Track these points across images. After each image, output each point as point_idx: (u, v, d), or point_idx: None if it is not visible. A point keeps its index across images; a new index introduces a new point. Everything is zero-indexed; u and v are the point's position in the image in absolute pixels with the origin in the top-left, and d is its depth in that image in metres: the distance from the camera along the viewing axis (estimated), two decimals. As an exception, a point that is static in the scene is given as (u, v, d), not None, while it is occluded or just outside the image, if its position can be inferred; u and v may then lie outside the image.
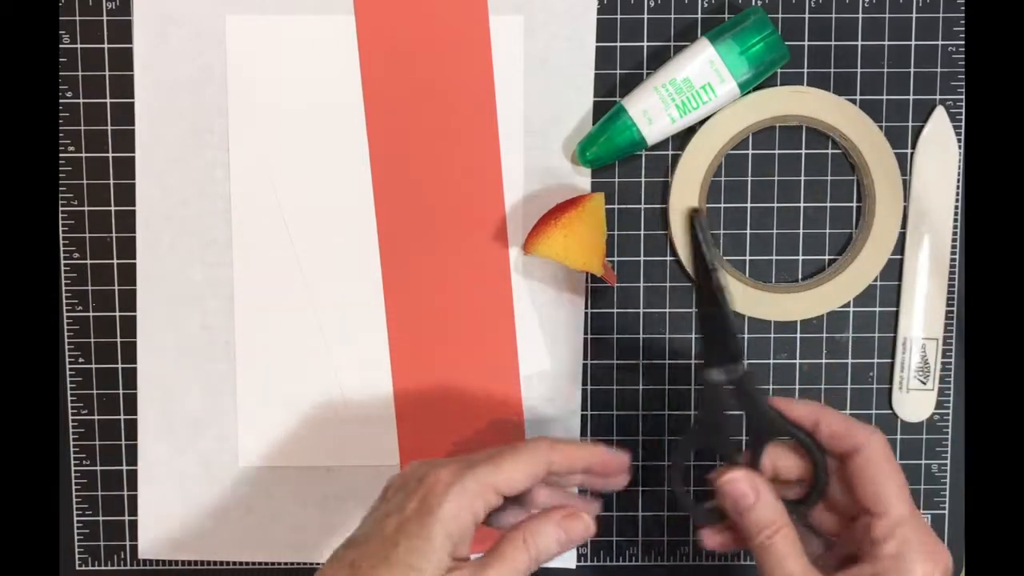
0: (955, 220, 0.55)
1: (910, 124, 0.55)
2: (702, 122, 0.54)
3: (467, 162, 0.55)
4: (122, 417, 0.56)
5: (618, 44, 0.55)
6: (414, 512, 0.42)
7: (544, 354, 0.56)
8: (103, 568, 0.57)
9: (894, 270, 0.56)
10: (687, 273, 0.55)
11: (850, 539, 0.45)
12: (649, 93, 0.52)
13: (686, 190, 0.54)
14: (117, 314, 0.56)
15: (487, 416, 0.56)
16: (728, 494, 0.45)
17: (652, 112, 0.52)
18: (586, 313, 0.56)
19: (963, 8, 0.54)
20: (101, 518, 0.57)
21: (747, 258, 0.56)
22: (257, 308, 0.55)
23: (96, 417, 0.56)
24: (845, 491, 0.45)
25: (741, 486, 0.45)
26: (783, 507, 0.45)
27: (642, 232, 0.55)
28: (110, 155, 0.55)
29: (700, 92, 0.52)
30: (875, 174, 0.54)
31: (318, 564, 0.56)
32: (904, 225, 0.55)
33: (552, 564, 0.56)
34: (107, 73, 0.55)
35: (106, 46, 0.55)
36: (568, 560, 0.56)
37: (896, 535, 0.42)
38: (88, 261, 0.55)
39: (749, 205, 0.55)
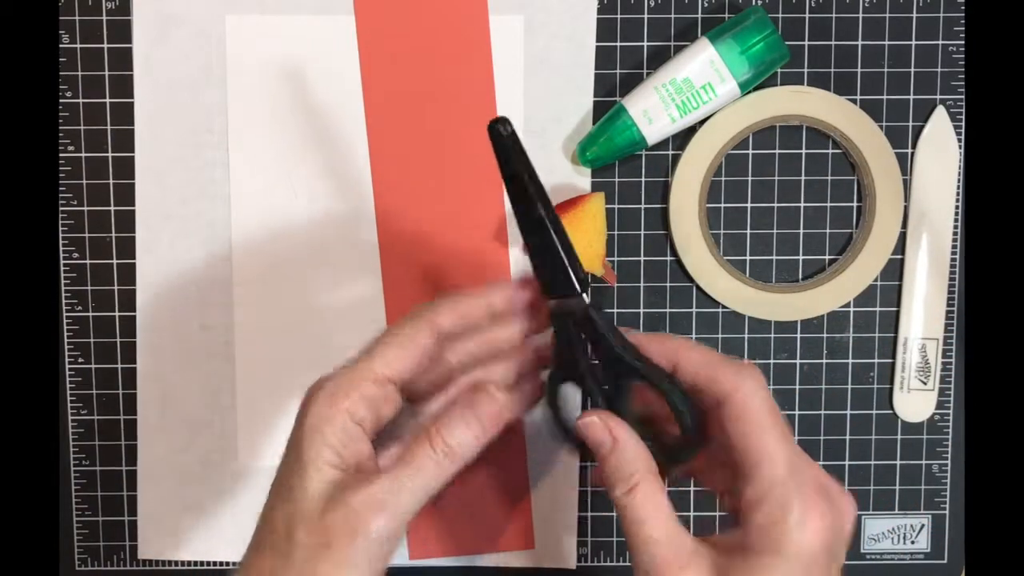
0: (955, 220, 0.55)
1: (910, 124, 0.55)
2: (702, 122, 0.54)
3: (467, 162, 0.55)
4: (122, 417, 0.56)
5: (618, 44, 0.55)
6: (291, 434, 0.39)
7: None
8: (103, 568, 0.57)
9: (894, 270, 0.56)
10: (686, 273, 0.55)
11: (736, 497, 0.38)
12: (649, 93, 0.52)
13: (686, 190, 0.54)
14: (117, 314, 0.56)
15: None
16: (586, 439, 0.39)
17: (652, 112, 0.52)
18: (586, 313, 0.56)
19: (963, 8, 0.54)
20: (101, 518, 0.57)
21: (747, 258, 0.56)
22: (257, 308, 0.55)
23: (96, 417, 0.56)
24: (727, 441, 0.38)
25: (596, 431, 0.38)
26: (647, 456, 0.38)
27: (642, 232, 0.55)
28: (110, 155, 0.55)
29: (700, 92, 0.52)
30: (875, 174, 0.54)
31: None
32: (904, 225, 0.55)
33: (553, 565, 0.56)
34: (107, 73, 0.55)
35: (106, 46, 0.55)
36: (568, 560, 0.56)
37: (767, 502, 0.35)
38: (88, 261, 0.55)
39: (749, 205, 0.55)
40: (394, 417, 0.40)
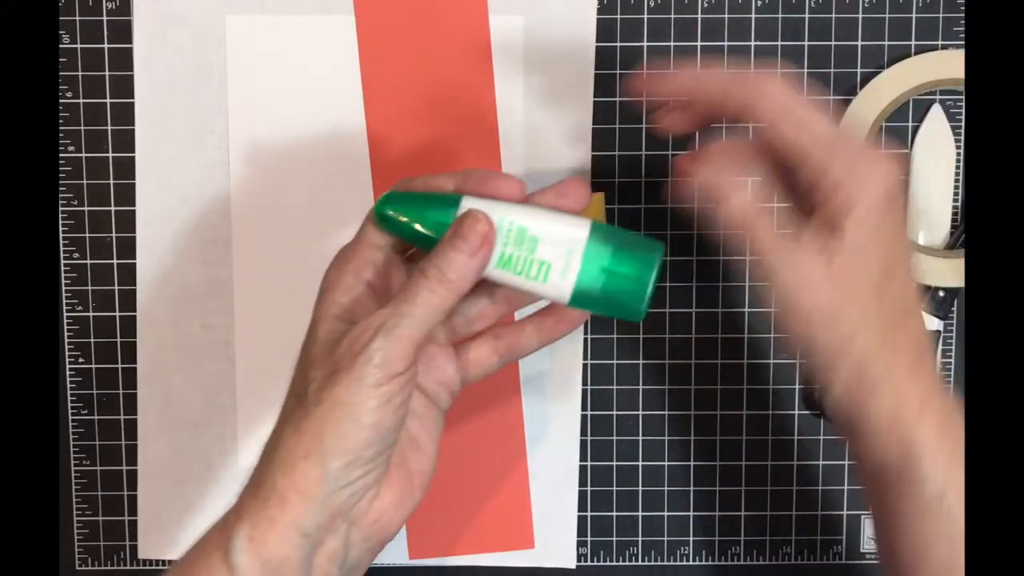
0: (954, 218, 0.55)
1: (910, 124, 0.55)
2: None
3: (467, 162, 0.55)
4: (122, 417, 0.56)
5: (618, 44, 0.55)
6: None
7: (544, 354, 0.56)
8: (103, 568, 0.57)
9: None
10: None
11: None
12: (494, 211, 0.41)
13: None
14: (117, 314, 0.56)
15: (486, 411, 0.56)
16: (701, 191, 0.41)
17: None
18: (586, 313, 0.56)
19: (963, 8, 0.54)
20: (101, 518, 0.57)
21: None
22: (257, 308, 0.55)
23: (96, 417, 0.56)
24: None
25: (710, 186, 0.40)
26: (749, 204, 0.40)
27: (642, 232, 0.55)
28: (110, 155, 0.55)
29: (533, 263, 0.41)
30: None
31: (318, 564, 0.56)
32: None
33: (551, 564, 0.56)
34: (107, 73, 0.55)
35: (106, 46, 0.55)
36: (568, 560, 0.56)
37: (827, 174, 0.38)
38: (88, 261, 0.55)
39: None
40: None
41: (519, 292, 0.42)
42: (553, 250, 0.41)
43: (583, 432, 0.56)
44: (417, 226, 0.41)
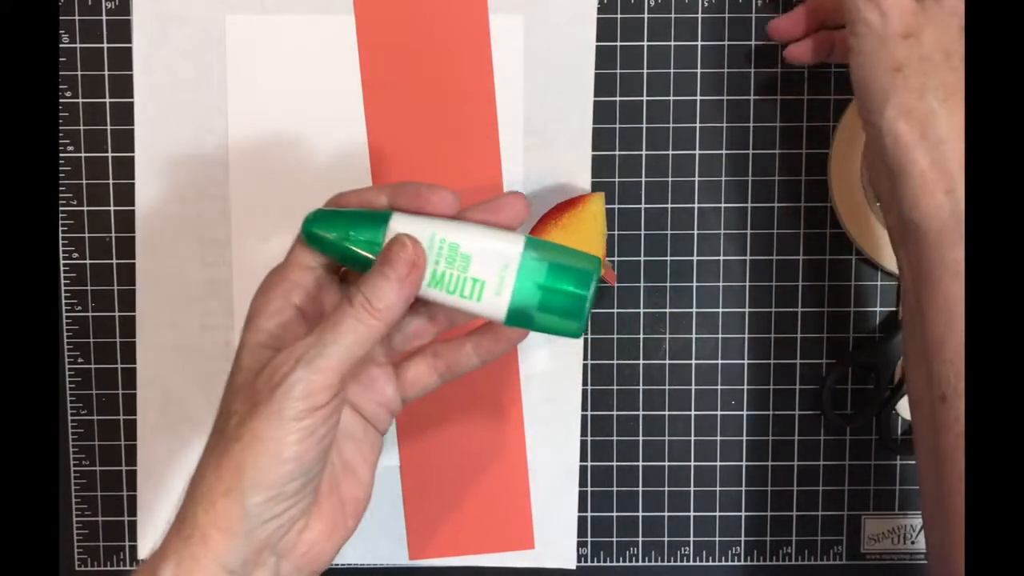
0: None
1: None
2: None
3: (467, 162, 0.55)
4: (121, 417, 0.56)
5: (618, 44, 0.55)
6: None
7: (544, 354, 0.56)
8: (102, 568, 0.57)
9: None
10: (849, 245, 0.55)
11: None
12: (426, 228, 0.40)
13: (846, 159, 0.53)
14: (116, 314, 0.56)
15: (486, 415, 0.56)
16: None
17: None
18: (586, 313, 0.56)
19: (963, 8, 0.54)
20: (100, 518, 0.57)
21: (747, 258, 0.56)
22: (257, 308, 0.55)
23: (95, 417, 0.56)
24: None
25: None
26: None
27: (642, 232, 0.55)
28: (109, 155, 0.55)
29: (466, 281, 0.40)
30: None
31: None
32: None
33: (551, 565, 0.56)
34: (107, 73, 0.55)
35: (105, 46, 0.55)
36: (568, 561, 0.56)
37: None
38: (88, 261, 0.55)
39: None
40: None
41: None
42: (487, 267, 0.39)
43: (583, 432, 0.56)
44: (346, 245, 0.39)
